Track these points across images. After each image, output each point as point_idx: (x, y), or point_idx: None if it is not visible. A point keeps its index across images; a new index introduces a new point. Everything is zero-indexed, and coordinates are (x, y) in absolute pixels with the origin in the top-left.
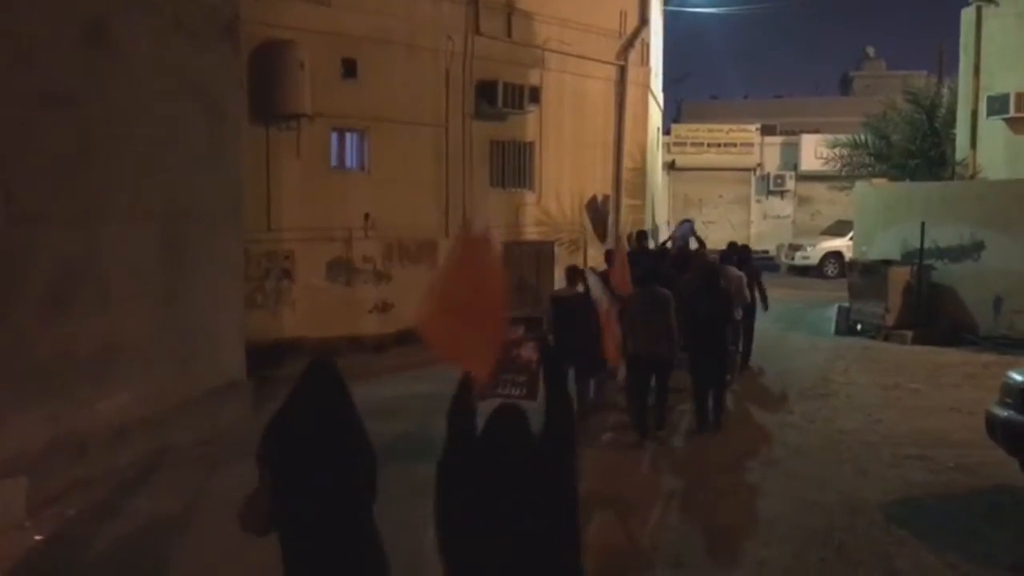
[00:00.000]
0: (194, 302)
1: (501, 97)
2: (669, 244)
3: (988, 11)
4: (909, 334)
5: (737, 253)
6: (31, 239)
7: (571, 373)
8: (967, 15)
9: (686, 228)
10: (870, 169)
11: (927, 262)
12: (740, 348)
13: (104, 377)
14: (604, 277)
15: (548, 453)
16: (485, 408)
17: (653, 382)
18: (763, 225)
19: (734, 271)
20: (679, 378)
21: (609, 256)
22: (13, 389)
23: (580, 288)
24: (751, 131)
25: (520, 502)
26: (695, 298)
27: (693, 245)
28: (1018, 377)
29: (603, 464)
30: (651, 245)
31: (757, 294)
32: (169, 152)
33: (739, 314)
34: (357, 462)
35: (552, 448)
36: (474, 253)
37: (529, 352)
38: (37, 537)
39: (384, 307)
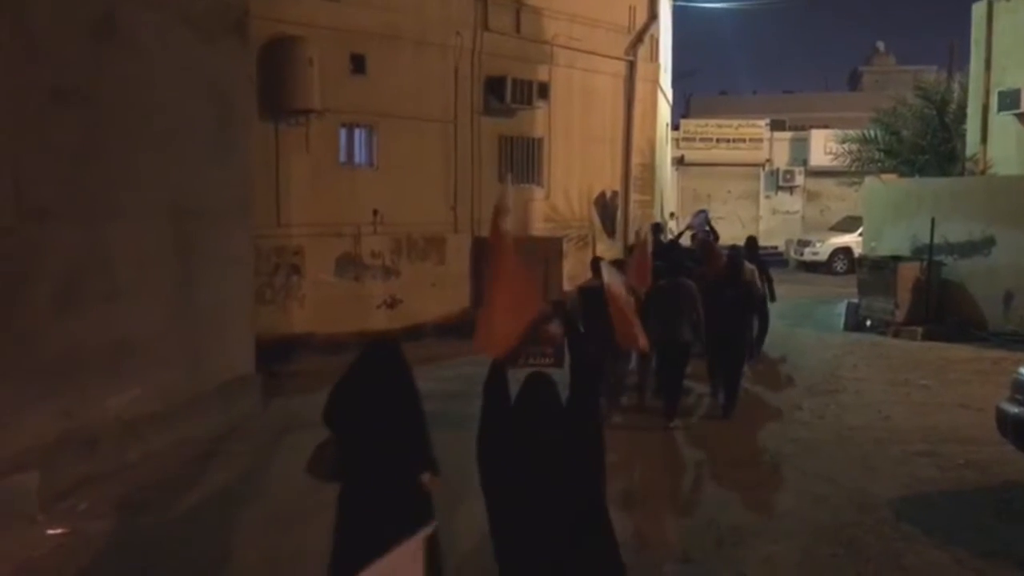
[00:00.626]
0: (204, 298)
1: (510, 93)
2: (687, 234)
3: (999, 6)
4: (919, 330)
5: (750, 247)
6: (41, 235)
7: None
8: (978, 10)
9: (702, 218)
10: (880, 165)
11: (937, 258)
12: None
13: (114, 373)
14: (621, 268)
15: (575, 411)
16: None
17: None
18: (772, 221)
19: (747, 264)
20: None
21: (632, 250)
22: (24, 385)
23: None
24: (760, 126)
25: (552, 458)
26: (719, 288)
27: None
28: None
29: (610, 458)
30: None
31: (765, 285)
32: (179, 148)
33: None
34: (408, 424)
35: (578, 406)
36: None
37: (555, 328)
38: (49, 531)
39: (393, 303)
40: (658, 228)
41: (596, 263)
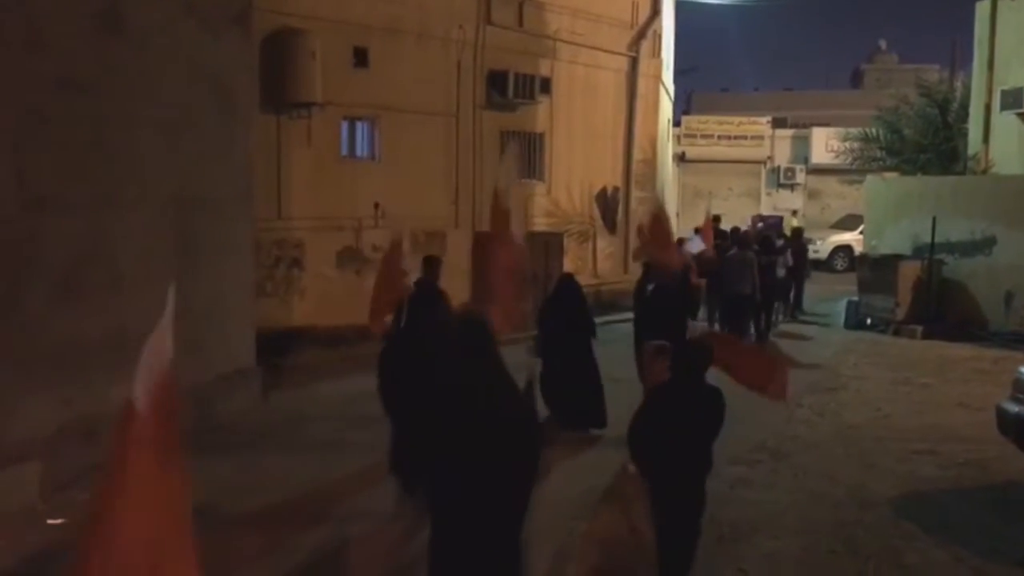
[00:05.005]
0: (205, 289)
1: (512, 87)
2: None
3: (1003, 5)
4: (919, 329)
5: (795, 236)
6: (43, 224)
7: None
8: (982, 9)
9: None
10: (881, 163)
11: (938, 257)
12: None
13: (115, 362)
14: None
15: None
16: None
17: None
18: None
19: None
20: None
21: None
22: (25, 374)
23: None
24: (762, 124)
25: (667, 306)
26: (758, 254)
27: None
28: None
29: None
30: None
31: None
32: (181, 139)
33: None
34: (586, 325)
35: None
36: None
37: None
38: (50, 521)
39: None
40: (718, 219)
41: (680, 242)
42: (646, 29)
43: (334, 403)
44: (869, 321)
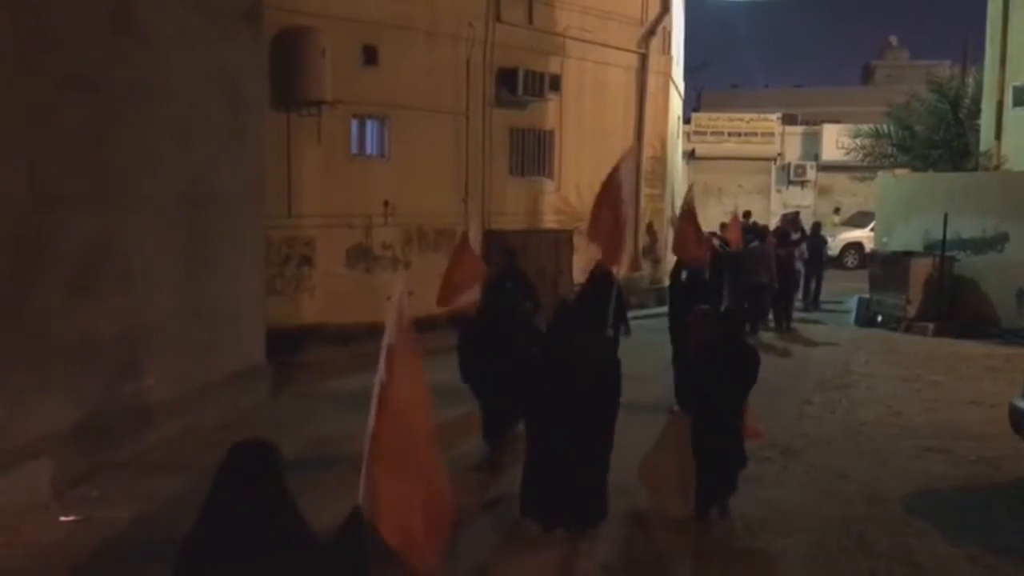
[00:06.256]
0: (216, 287)
1: (521, 85)
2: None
3: (1015, 1)
4: (930, 326)
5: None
6: (56, 221)
7: None
8: (993, 5)
9: (791, 217)
10: (892, 159)
11: (949, 254)
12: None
13: (127, 360)
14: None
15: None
16: None
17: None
18: None
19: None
20: None
21: (724, 226)
22: (38, 372)
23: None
24: (772, 120)
25: (701, 290)
26: (776, 247)
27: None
28: None
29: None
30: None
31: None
32: (192, 137)
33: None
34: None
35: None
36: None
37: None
38: (62, 518)
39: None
40: (748, 214)
41: (709, 236)
42: (656, 26)
43: (345, 400)
44: (880, 318)
